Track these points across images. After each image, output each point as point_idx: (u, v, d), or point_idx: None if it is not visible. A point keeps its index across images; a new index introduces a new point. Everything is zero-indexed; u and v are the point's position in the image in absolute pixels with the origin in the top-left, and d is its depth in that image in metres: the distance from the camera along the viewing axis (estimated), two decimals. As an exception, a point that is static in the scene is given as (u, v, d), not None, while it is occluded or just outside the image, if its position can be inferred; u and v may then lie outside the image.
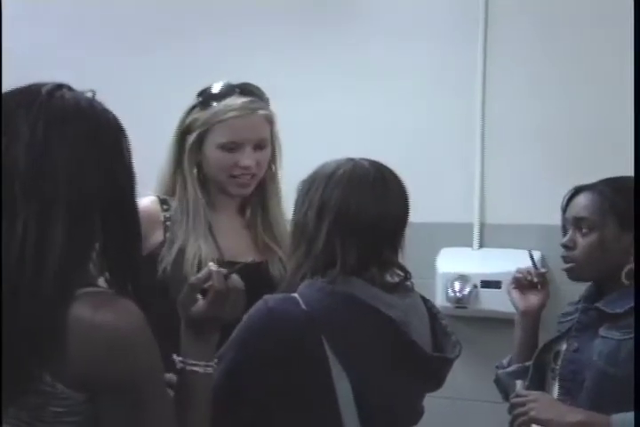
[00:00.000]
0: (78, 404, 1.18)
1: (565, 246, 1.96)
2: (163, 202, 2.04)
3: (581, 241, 1.93)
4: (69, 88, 1.26)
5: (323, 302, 1.57)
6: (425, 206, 1.93)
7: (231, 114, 1.96)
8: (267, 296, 1.60)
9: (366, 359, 1.58)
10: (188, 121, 2.01)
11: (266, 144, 2.02)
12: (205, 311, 1.41)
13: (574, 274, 1.96)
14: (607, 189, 1.94)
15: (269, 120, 2.03)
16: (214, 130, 1.97)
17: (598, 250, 1.91)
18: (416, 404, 1.72)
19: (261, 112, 2.00)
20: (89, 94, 1.28)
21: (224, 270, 1.43)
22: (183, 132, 2.01)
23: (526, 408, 1.78)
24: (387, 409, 1.61)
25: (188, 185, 2.00)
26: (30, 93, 1.22)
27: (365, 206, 1.60)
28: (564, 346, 1.96)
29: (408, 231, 1.68)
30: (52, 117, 1.20)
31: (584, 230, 1.93)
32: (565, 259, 1.97)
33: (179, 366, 1.40)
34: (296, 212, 1.67)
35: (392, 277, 1.67)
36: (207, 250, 1.94)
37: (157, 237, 1.98)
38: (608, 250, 1.91)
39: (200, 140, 1.99)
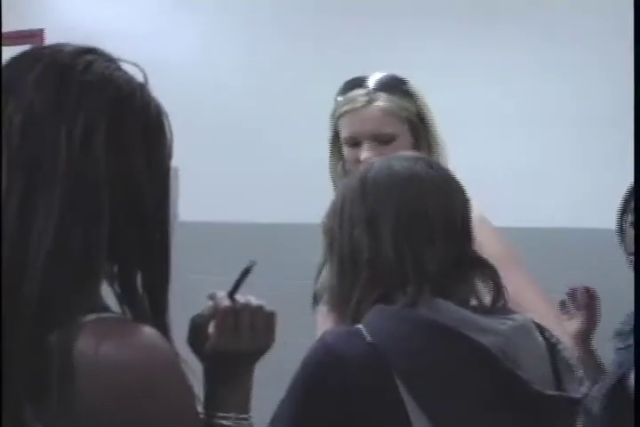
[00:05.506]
0: None
1: None
2: None
3: None
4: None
5: (393, 332, 1.26)
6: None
7: (345, 107, 1.89)
8: (327, 330, 1.31)
9: (454, 402, 1.23)
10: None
11: (391, 138, 1.87)
12: (216, 343, 1.15)
13: None
14: None
15: (391, 113, 1.87)
16: (340, 124, 1.92)
17: None
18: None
19: (378, 104, 1.86)
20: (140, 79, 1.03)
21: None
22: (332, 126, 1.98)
23: None
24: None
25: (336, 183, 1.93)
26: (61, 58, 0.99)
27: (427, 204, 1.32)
28: None
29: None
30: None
31: None
32: None
33: (202, 418, 1.13)
34: (336, 234, 1.37)
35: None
36: None
37: None
38: None
39: (337, 135, 1.94)
